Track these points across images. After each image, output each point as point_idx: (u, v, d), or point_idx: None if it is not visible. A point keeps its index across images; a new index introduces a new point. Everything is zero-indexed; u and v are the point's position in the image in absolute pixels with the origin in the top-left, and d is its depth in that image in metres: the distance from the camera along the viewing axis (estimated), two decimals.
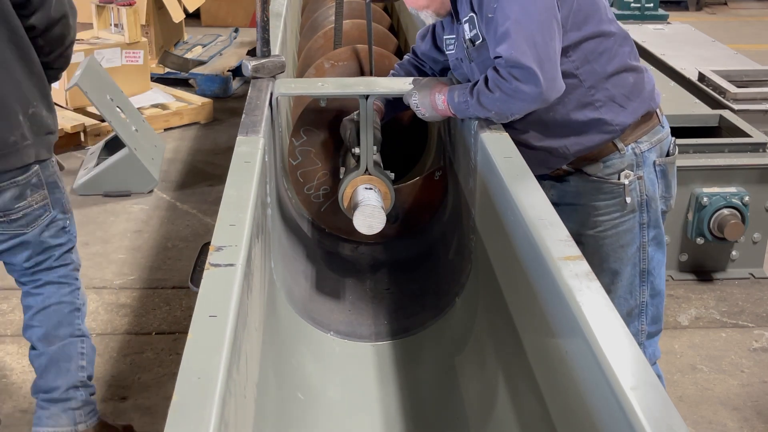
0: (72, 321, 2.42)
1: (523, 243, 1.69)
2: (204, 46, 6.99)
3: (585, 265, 1.50)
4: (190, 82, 6.14)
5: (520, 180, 1.86)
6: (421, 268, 2.62)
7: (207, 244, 1.57)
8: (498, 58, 2.02)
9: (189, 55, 6.60)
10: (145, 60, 5.62)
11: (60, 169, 2.45)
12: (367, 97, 2.33)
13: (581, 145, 2.18)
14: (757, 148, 3.62)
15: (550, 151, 2.19)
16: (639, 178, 2.21)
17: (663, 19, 7.12)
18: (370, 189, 2.36)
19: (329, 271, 2.63)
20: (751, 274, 3.66)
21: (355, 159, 2.43)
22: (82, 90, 4.24)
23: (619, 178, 2.19)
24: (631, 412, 1.17)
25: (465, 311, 2.24)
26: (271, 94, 2.32)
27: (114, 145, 4.58)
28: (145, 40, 5.71)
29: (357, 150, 2.40)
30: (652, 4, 7.37)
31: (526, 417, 1.70)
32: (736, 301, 3.49)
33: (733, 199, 3.48)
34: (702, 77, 4.68)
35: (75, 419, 2.40)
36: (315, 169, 2.63)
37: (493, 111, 2.08)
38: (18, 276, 2.41)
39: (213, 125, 5.55)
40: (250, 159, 1.92)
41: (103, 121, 4.90)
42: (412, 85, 2.29)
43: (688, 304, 3.47)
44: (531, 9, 2.00)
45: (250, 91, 2.33)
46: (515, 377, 1.80)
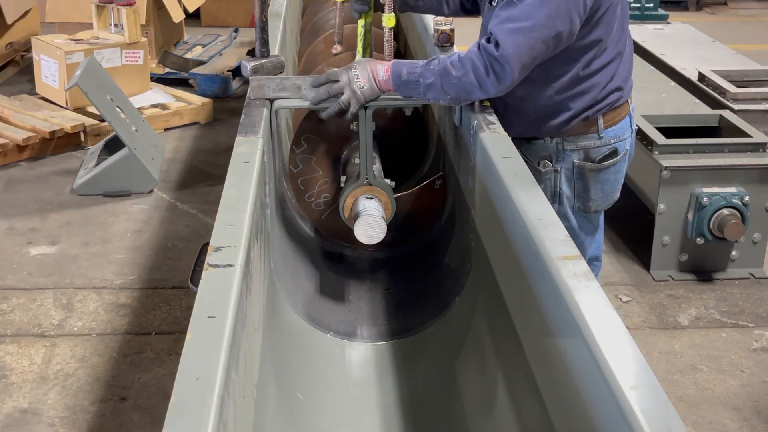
0: None
1: (522, 243, 1.69)
2: (204, 46, 6.99)
3: (584, 265, 1.50)
4: (190, 82, 6.13)
5: (519, 180, 1.86)
6: (421, 268, 2.62)
7: (207, 244, 1.57)
8: (489, 38, 2.03)
9: (189, 55, 6.61)
10: (145, 60, 5.62)
11: None
12: (366, 108, 2.33)
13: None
14: (757, 148, 3.62)
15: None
16: (555, 171, 2.33)
17: (663, 19, 7.12)
18: (371, 199, 2.37)
19: (329, 271, 2.63)
20: (751, 274, 3.66)
21: (356, 168, 2.43)
22: (82, 90, 4.24)
23: (538, 165, 2.31)
24: (629, 411, 1.17)
25: (465, 311, 2.24)
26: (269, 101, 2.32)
27: (114, 145, 4.58)
28: (145, 40, 5.71)
29: (357, 159, 2.40)
30: (652, 4, 7.37)
31: (526, 416, 1.70)
32: (736, 301, 3.49)
33: (733, 199, 3.48)
34: (702, 77, 4.67)
35: None
36: (316, 176, 2.64)
37: (451, 96, 2.09)
38: None
39: (213, 125, 5.55)
40: (249, 159, 1.93)
41: (103, 121, 4.89)
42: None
43: (688, 304, 3.47)
44: (555, 20, 2.01)
45: (249, 92, 2.33)
46: (514, 377, 1.80)
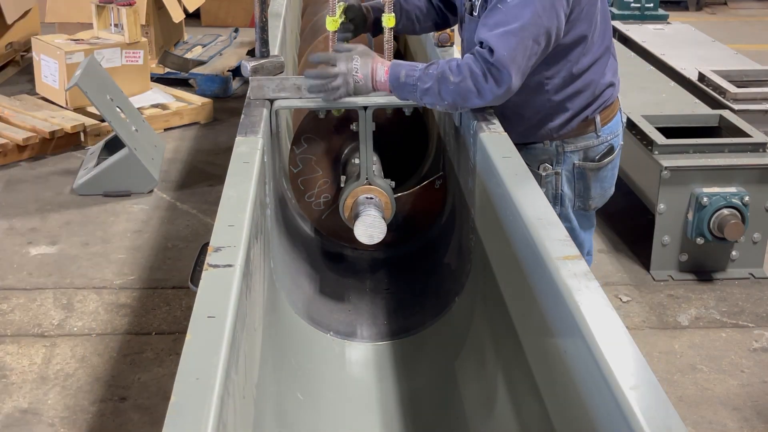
0: None
1: (522, 243, 1.69)
2: (204, 46, 6.99)
3: (584, 265, 1.50)
4: (190, 82, 6.13)
5: (519, 180, 1.86)
6: (421, 268, 2.62)
7: (207, 244, 1.57)
8: (482, 45, 2.03)
9: (189, 55, 6.60)
10: (145, 60, 5.62)
11: None
12: (366, 108, 2.33)
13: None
14: (757, 148, 3.61)
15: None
16: (556, 173, 2.32)
17: (663, 19, 7.11)
18: (371, 199, 2.37)
19: (329, 271, 2.63)
20: (751, 274, 3.66)
21: (355, 168, 2.43)
22: (82, 90, 4.24)
23: (538, 168, 2.30)
24: (629, 411, 1.17)
25: (464, 311, 2.24)
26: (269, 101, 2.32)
27: (114, 145, 4.58)
28: (145, 40, 5.71)
29: (357, 159, 2.40)
30: (652, 4, 7.36)
31: (525, 416, 1.70)
32: (736, 301, 3.49)
33: (733, 199, 3.48)
34: (702, 77, 4.68)
35: None
36: (316, 177, 2.64)
37: (448, 102, 2.06)
38: None
39: (213, 125, 5.55)
40: (248, 159, 1.93)
41: (103, 121, 4.89)
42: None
43: (688, 304, 3.47)
44: (541, 17, 2.01)
45: (249, 92, 2.33)
46: (514, 377, 1.80)
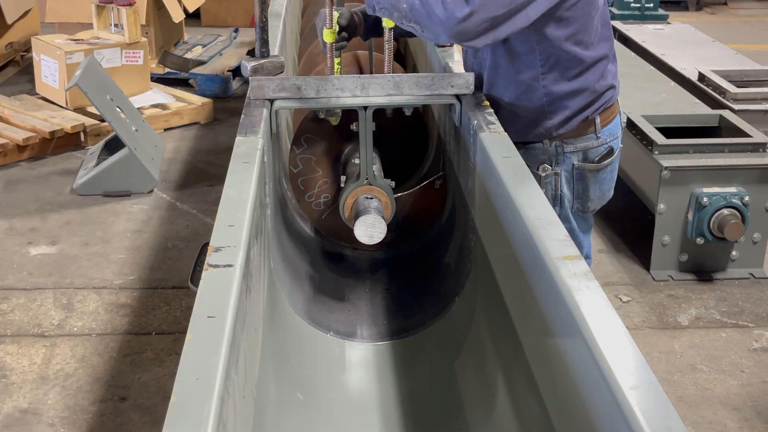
0: None
1: (522, 243, 1.69)
2: (204, 46, 6.99)
3: (584, 265, 1.50)
4: (190, 82, 6.14)
5: (518, 180, 1.86)
6: (420, 268, 2.62)
7: (207, 244, 1.57)
8: None
9: (189, 55, 6.60)
10: (145, 60, 5.62)
11: None
12: (366, 108, 2.33)
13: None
14: (757, 148, 3.62)
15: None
16: (555, 174, 2.32)
17: (663, 19, 7.12)
18: (371, 199, 2.37)
19: (329, 271, 2.63)
20: (751, 274, 3.66)
21: (356, 168, 2.43)
22: (82, 90, 4.24)
23: (537, 169, 2.29)
24: (629, 412, 1.17)
25: (464, 311, 2.24)
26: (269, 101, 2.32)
27: (114, 145, 4.58)
28: (145, 40, 5.71)
29: (357, 159, 2.40)
30: (652, 4, 7.37)
31: (525, 416, 1.70)
32: (736, 301, 3.49)
33: (733, 199, 3.48)
34: (702, 77, 4.68)
35: None
36: (316, 177, 2.64)
37: (405, 6, 2.10)
38: None
39: (213, 125, 5.55)
40: (248, 159, 1.92)
41: (103, 121, 4.90)
42: None
43: (688, 304, 3.47)
44: None
45: (249, 92, 2.33)
46: (514, 377, 1.80)
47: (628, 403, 1.18)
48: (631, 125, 3.80)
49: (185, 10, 6.72)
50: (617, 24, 6.17)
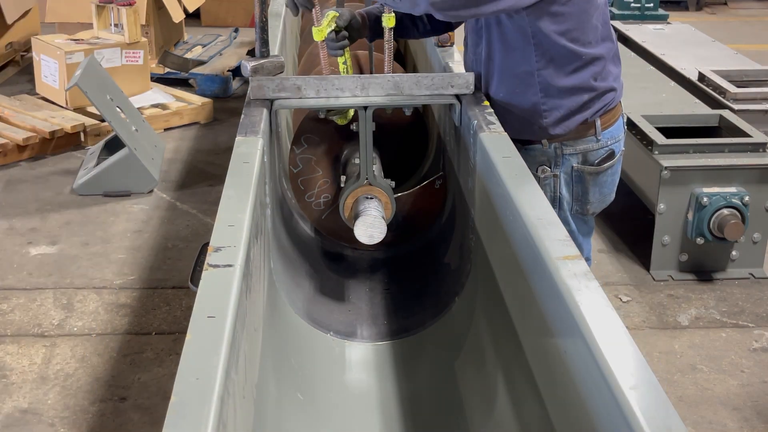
0: None
1: (522, 243, 1.69)
2: (204, 46, 6.99)
3: (584, 265, 1.50)
4: (190, 82, 6.13)
5: (518, 180, 1.86)
6: (421, 268, 2.62)
7: (207, 244, 1.57)
8: None
9: (189, 55, 6.60)
10: (145, 60, 5.62)
11: None
12: (366, 108, 2.33)
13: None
14: (757, 148, 3.61)
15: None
16: (554, 176, 2.31)
17: (663, 19, 7.12)
18: (371, 199, 2.37)
19: (329, 271, 2.63)
20: (751, 274, 3.66)
21: (356, 168, 2.43)
22: (82, 90, 4.24)
23: (536, 171, 2.29)
24: (629, 412, 1.17)
25: (464, 311, 2.24)
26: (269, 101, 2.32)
27: (114, 145, 4.58)
28: (145, 40, 5.71)
29: (357, 159, 2.40)
30: (652, 4, 7.37)
31: (526, 416, 1.70)
32: (736, 301, 3.49)
33: (733, 199, 3.48)
34: (702, 77, 4.68)
35: None
36: (316, 177, 2.64)
37: None
38: None
39: (213, 125, 5.55)
40: (248, 159, 1.93)
41: (103, 121, 4.90)
42: None
43: (688, 304, 3.47)
44: None
45: (249, 92, 2.33)
46: (514, 377, 1.80)
47: (628, 403, 1.18)
48: (631, 125, 3.80)
49: (185, 10, 6.72)
50: (617, 24, 6.17)
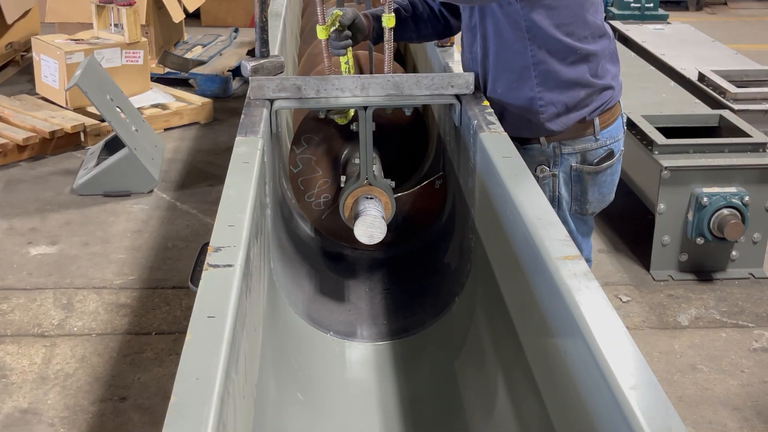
0: None
1: (522, 243, 1.69)
2: (204, 46, 6.99)
3: (584, 265, 1.50)
4: (190, 82, 6.13)
5: (518, 180, 1.86)
6: (420, 268, 2.62)
7: (207, 244, 1.57)
8: None
9: (189, 55, 6.60)
10: (145, 60, 5.62)
11: None
12: (366, 108, 2.33)
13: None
14: (757, 148, 3.62)
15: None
16: (553, 175, 2.32)
17: (663, 19, 7.12)
18: (371, 199, 2.37)
19: (329, 271, 2.63)
20: (751, 274, 3.66)
21: (356, 168, 2.43)
22: (82, 90, 4.24)
23: (535, 170, 2.29)
24: (629, 412, 1.17)
25: (464, 311, 2.24)
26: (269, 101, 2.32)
27: (114, 145, 4.58)
28: (145, 40, 5.71)
29: (357, 159, 2.40)
30: (652, 4, 7.37)
31: (526, 416, 1.70)
32: (736, 301, 3.49)
33: (733, 199, 3.48)
34: (702, 77, 4.68)
35: None
36: (316, 177, 2.64)
37: None
38: None
39: (213, 125, 5.55)
40: (248, 159, 1.93)
41: (103, 121, 4.90)
42: None
43: (688, 304, 3.47)
44: None
45: (249, 92, 2.33)
46: (514, 377, 1.80)
47: (628, 403, 1.18)
48: (631, 125, 3.80)
49: (185, 10, 6.72)
50: (617, 24, 6.17)
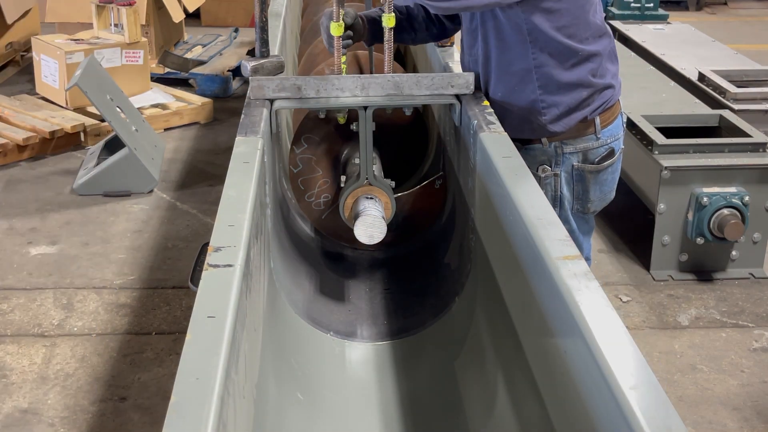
0: None
1: (522, 243, 1.69)
2: (204, 46, 6.99)
3: (584, 265, 1.50)
4: (190, 82, 6.13)
5: (518, 180, 1.86)
6: (420, 268, 2.62)
7: (207, 244, 1.57)
8: None
9: (189, 55, 6.60)
10: (145, 60, 5.62)
11: None
12: (366, 108, 2.33)
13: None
14: (757, 148, 3.62)
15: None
16: (555, 175, 2.32)
17: (663, 19, 7.12)
18: (371, 199, 2.37)
19: (329, 271, 2.63)
20: (751, 274, 3.66)
21: (356, 168, 2.43)
22: (82, 90, 4.24)
23: (537, 170, 2.29)
24: (629, 412, 1.17)
25: (464, 311, 2.24)
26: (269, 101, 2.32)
27: (114, 145, 4.58)
28: (145, 40, 5.71)
29: (357, 159, 2.40)
30: (652, 4, 7.38)
31: (526, 416, 1.70)
32: (736, 301, 3.49)
33: (733, 199, 3.48)
34: (702, 77, 4.68)
35: None
36: (316, 177, 2.64)
37: None
38: None
39: (213, 125, 5.55)
40: (248, 159, 1.93)
41: (103, 121, 4.90)
42: None
43: (688, 304, 3.47)
44: None
45: (249, 92, 2.33)
46: (514, 377, 1.80)
47: (628, 403, 1.18)
48: (631, 125, 3.80)
49: (185, 10, 6.72)
50: (617, 24, 6.17)
